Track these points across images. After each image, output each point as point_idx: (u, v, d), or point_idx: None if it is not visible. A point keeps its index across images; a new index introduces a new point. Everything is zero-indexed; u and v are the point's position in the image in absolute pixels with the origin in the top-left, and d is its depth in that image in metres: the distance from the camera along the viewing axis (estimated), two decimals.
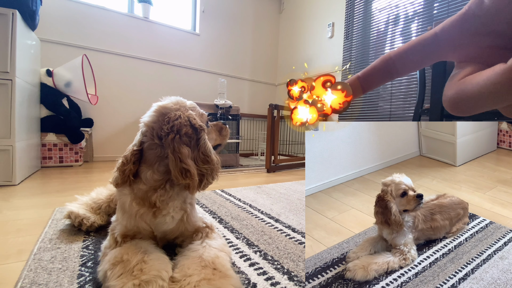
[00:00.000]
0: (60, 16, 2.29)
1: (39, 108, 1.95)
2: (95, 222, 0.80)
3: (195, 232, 0.67)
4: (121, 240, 0.60)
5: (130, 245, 0.56)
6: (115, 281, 0.47)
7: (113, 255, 0.53)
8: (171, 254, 0.61)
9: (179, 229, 0.66)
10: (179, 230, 0.66)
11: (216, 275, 0.51)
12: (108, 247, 0.59)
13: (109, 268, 0.50)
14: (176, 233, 0.67)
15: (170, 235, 0.67)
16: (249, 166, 2.48)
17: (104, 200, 0.86)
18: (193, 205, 0.68)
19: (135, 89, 2.68)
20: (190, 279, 0.49)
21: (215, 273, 0.51)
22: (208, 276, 0.50)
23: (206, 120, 0.70)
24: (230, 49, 3.33)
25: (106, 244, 0.61)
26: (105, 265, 0.52)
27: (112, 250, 0.55)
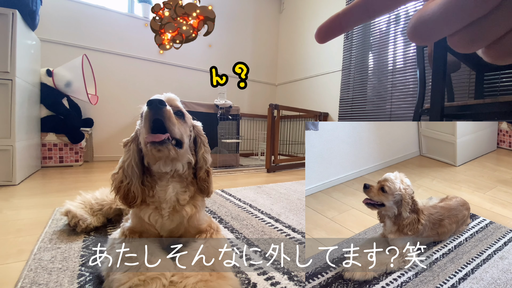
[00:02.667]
0: (60, 16, 2.29)
1: (39, 108, 1.95)
2: (91, 224, 0.80)
3: (198, 233, 0.67)
4: (129, 234, 0.62)
5: (139, 244, 0.57)
6: (121, 275, 0.49)
7: (121, 251, 0.54)
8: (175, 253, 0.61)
9: (183, 229, 0.67)
10: (182, 230, 0.67)
11: (213, 276, 0.51)
12: (116, 240, 0.60)
13: (116, 262, 0.51)
14: (180, 232, 0.67)
15: (174, 234, 0.67)
16: (249, 166, 2.48)
17: (108, 202, 0.86)
18: (197, 207, 0.67)
19: (135, 89, 2.68)
20: (187, 280, 0.49)
21: (213, 274, 0.51)
22: (205, 277, 0.50)
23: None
24: (230, 49, 3.33)
25: (116, 236, 0.63)
26: (113, 258, 0.53)
27: (121, 245, 0.56)
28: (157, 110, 0.54)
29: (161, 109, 0.55)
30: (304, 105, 3.17)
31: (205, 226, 0.69)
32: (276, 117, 2.25)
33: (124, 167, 0.60)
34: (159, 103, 0.54)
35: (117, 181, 0.59)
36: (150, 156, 0.58)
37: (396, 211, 0.58)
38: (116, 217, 0.88)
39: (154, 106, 0.54)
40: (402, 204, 0.57)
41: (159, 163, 0.59)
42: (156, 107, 0.54)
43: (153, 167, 0.60)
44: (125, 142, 0.63)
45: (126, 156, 0.61)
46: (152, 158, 0.58)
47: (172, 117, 0.57)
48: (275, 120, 2.25)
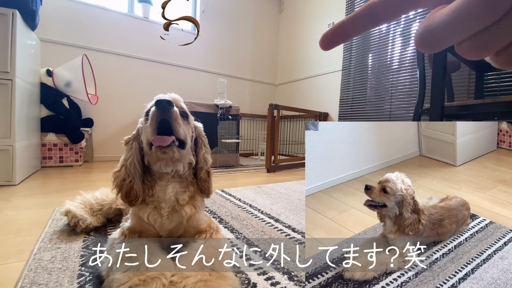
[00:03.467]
0: (60, 16, 2.29)
1: (39, 108, 1.95)
2: (91, 224, 0.81)
3: (198, 233, 0.67)
4: (128, 234, 0.62)
5: (139, 244, 0.57)
6: (121, 275, 0.48)
7: (121, 251, 0.54)
8: (175, 253, 0.61)
9: (182, 229, 0.67)
10: (182, 230, 0.67)
11: (213, 276, 0.51)
12: (116, 240, 0.60)
13: (115, 262, 0.51)
14: (180, 232, 0.67)
15: (174, 234, 0.67)
16: (249, 166, 2.48)
17: (108, 202, 0.86)
18: (196, 207, 0.67)
19: (135, 89, 2.68)
20: (187, 280, 0.49)
21: (212, 274, 0.51)
22: (205, 277, 0.50)
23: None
24: (230, 49, 3.33)
25: (115, 236, 0.63)
26: (113, 258, 0.53)
27: (121, 245, 0.56)
28: (165, 111, 0.54)
29: (169, 109, 0.54)
30: (304, 105, 3.17)
31: (204, 226, 0.69)
32: (276, 117, 2.25)
33: (126, 165, 0.60)
34: (167, 104, 0.54)
35: (119, 179, 0.59)
36: (152, 157, 0.57)
37: (397, 212, 0.58)
38: (116, 217, 0.88)
39: (162, 107, 0.53)
40: (404, 205, 0.57)
41: (160, 163, 0.59)
42: (164, 107, 0.54)
43: (154, 166, 0.60)
44: (126, 140, 0.63)
45: (128, 154, 0.61)
46: (155, 159, 0.58)
47: (179, 118, 0.57)
48: (275, 120, 2.25)
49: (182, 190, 0.63)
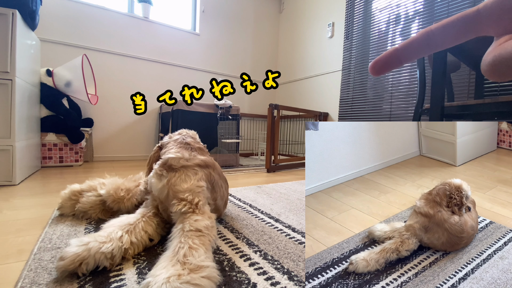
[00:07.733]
0: (60, 16, 2.29)
1: (39, 108, 1.95)
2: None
3: (178, 201, 0.70)
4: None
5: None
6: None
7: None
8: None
9: (164, 193, 0.73)
10: (164, 194, 0.73)
11: (185, 270, 0.50)
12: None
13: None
14: (162, 196, 0.74)
15: (161, 196, 0.74)
16: (249, 166, 2.48)
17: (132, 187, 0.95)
18: (188, 175, 0.75)
19: (135, 89, 2.68)
20: (156, 279, 0.48)
21: (185, 268, 0.51)
22: (177, 272, 0.49)
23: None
24: (230, 49, 3.33)
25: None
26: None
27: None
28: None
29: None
30: (304, 105, 3.17)
31: (185, 195, 0.71)
32: (276, 117, 2.25)
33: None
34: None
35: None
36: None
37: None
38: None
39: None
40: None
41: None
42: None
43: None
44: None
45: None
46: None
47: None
48: (275, 120, 2.25)
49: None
